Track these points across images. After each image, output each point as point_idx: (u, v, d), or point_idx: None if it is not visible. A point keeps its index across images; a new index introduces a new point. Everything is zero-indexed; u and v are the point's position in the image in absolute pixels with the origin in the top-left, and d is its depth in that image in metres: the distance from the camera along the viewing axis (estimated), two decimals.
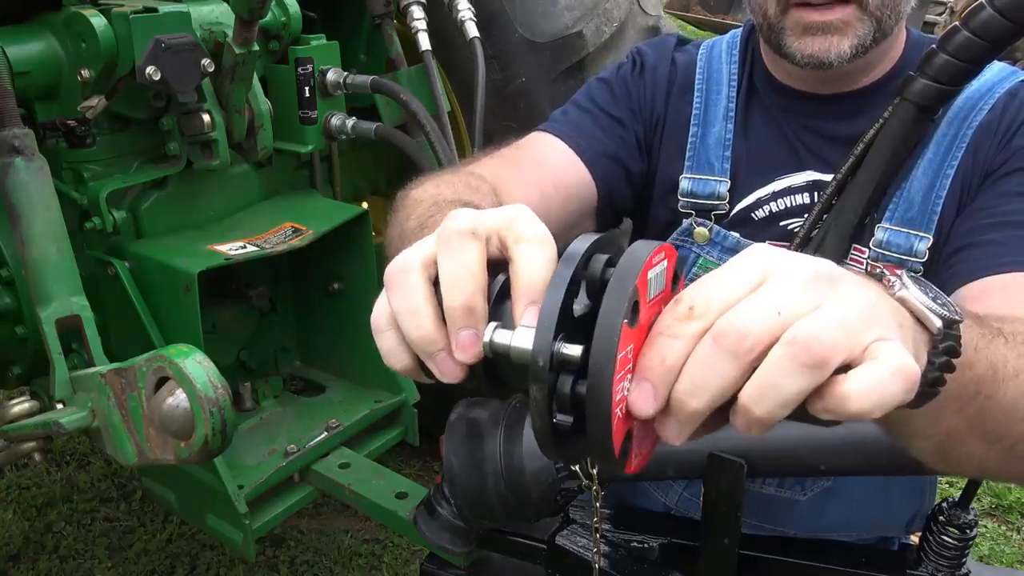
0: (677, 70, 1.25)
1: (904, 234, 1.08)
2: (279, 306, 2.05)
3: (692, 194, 1.22)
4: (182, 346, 1.16)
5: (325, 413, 1.88)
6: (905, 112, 1.03)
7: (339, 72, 1.89)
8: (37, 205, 1.40)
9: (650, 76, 1.25)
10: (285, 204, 1.94)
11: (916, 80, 1.01)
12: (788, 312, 0.46)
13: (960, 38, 0.97)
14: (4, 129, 1.39)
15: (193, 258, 1.61)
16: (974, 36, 0.95)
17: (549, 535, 1.24)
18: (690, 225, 1.23)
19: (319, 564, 2.56)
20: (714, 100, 1.22)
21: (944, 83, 1.00)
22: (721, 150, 1.21)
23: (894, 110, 1.04)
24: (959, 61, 0.97)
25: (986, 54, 0.97)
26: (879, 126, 1.06)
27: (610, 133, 1.23)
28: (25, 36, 1.53)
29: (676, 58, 1.26)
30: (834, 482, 1.24)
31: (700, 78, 1.23)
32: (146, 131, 1.72)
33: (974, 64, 0.98)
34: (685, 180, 1.22)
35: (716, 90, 1.22)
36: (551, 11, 2.09)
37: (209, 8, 1.69)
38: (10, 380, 1.73)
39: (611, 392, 0.46)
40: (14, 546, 2.59)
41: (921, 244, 1.07)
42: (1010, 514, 2.85)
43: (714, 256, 1.22)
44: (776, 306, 0.46)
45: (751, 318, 0.46)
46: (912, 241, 1.07)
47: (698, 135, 1.22)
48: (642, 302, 0.49)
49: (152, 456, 1.21)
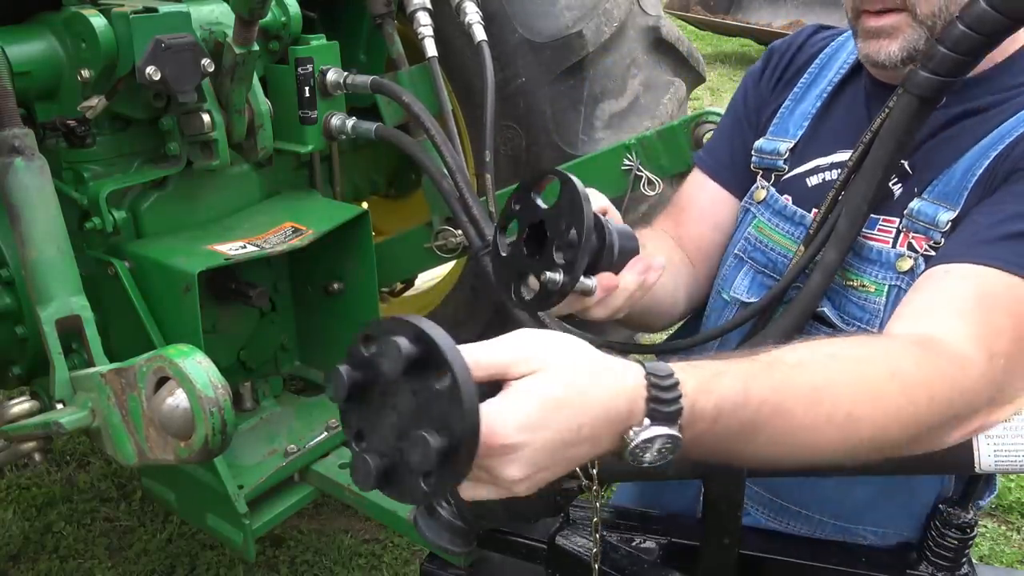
0: (800, 55, 1.41)
1: (934, 206, 1.13)
2: (279, 306, 2.05)
3: (760, 151, 1.37)
4: (182, 346, 1.16)
5: (325, 413, 1.88)
6: (908, 104, 1.06)
7: (339, 72, 1.88)
8: (37, 205, 1.40)
9: (770, 71, 1.43)
10: (285, 204, 1.94)
11: (918, 73, 1.04)
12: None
13: (956, 32, 0.98)
14: (4, 129, 1.39)
15: (193, 258, 1.61)
16: (969, 30, 0.97)
17: (549, 535, 1.24)
18: (756, 185, 1.36)
19: (319, 564, 2.56)
20: (817, 82, 1.36)
21: (944, 75, 1.02)
22: (801, 120, 1.35)
23: (897, 102, 1.08)
24: (957, 54, 0.99)
25: (982, 47, 0.99)
26: (884, 117, 1.11)
27: (728, 135, 1.45)
28: (25, 36, 1.53)
29: (804, 44, 1.42)
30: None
31: (818, 63, 1.38)
32: (146, 131, 1.72)
33: (972, 56, 1.00)
34: (762, 140, 1.38)
35: (824, 75, 1.36)
36: (551, 11, 2.09)
37: (209, 8, 1.69)
38: (10, 380, 1.73)
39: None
40: (14, 546, 2.59)
41: (944, 215, 1.12)
42: (1010, 514, 2.85)
43: (765, 217, 1.34)
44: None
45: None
46: (938, 211, 1.13)
47: (789, 107, 1.37)
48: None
49: (152, 456, 1.21)
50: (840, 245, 1.15)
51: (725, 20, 9.01)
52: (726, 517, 1.06)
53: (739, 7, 9.16)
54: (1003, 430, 0.94)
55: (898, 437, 0.90)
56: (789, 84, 1.39)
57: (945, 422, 0.93)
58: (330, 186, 2.18)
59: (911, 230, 1.15)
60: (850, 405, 0.86)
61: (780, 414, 0.83)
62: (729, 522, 1.06)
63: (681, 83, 2.38)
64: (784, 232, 1.30)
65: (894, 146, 1.10)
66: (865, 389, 0.88)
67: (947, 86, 1.04)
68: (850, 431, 0.87)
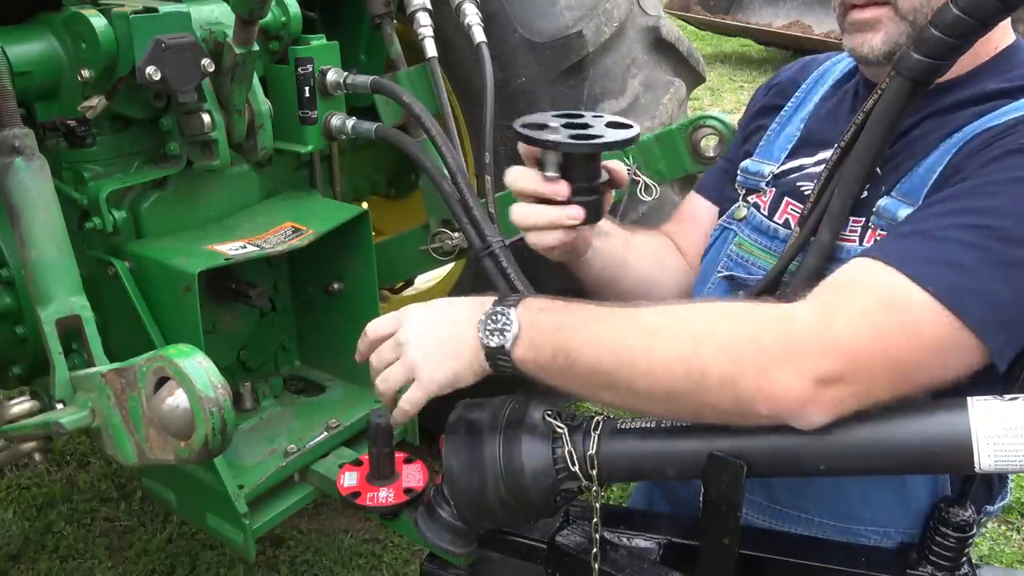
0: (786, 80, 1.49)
1: (897, 202, 1.15)
2: (279, 306, 2.05)
3: (746, 171, 1.42)
4: (182, 346, 1.16)
5: (325, 413, 1.88)
6: (900, 86, 1.08)
7: (339, 72, 1.88)
8: (37, 205, 1.40)
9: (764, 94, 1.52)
10: (285, 204, 1.94)
11: (911, 56, 1.05)
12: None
13: (950, 16, 0.99)
14: (4, 129, 1.39)
15: (193, 258, 1.61)
16: (963, 15, 0.98)
17: (549, 535, 1.24)
18: (738, 204, 1.41)
19: (319, 564, 2.56)
20: (803, 104, 1.42)
21: (936, 58, 1.03)
22: (786, 143, 1.39)
23: (890, 84, 1.09)
24: (950, 38, 1.00)
25: (975, 31, 1.00)
26: (876, 98, 1.12)
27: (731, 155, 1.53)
28: (25, 36, 1.53)
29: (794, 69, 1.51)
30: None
31: (811, 83, 1.44)
32: (146, 131, 1.72)
33: (964, 40, 1.01)
34: (749, 161, 1.43)
35: (811, 98, 1.42)
36: (551, 11, 2.09)
37: (209, 8, 1.69)
38: (10, 380, 1.73)
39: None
40: (14, 546, 2.59)
41: (903, 212, 1.13)
42: (1010, 514, 2.85)
43: (745, 234, 1.38)
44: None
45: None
46: (899, 208, 1.14)
47: (776, 130, 1.43)
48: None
49: (152, 456, 1.21)
50: (833, 225, 1.17)
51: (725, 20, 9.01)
52: (726, 517, 1.06)
53: (739, 7, 9.16)
54: (1003, 430, 0.94)
55: (683, 374, 0.99)
56: (776, 105, 1.47)
57: (743, 365, 0.96)
58: (330, 186, 2.18)
59: (876, 227, 1.17)
60: (637, 348, 1.02)
61: (576, 350, 1.05)
62: (729, 522, 1.06)
63: (681, 83, 2.38)
64: (765, 247, 1.34)
65: (885, 128, 1.11)
66: (655, 332, 1.03)
67: (938, 69, 1.05)
68: (631, 372, 1.02)
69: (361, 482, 1.40)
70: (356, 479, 1.41)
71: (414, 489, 1.37)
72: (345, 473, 1.44)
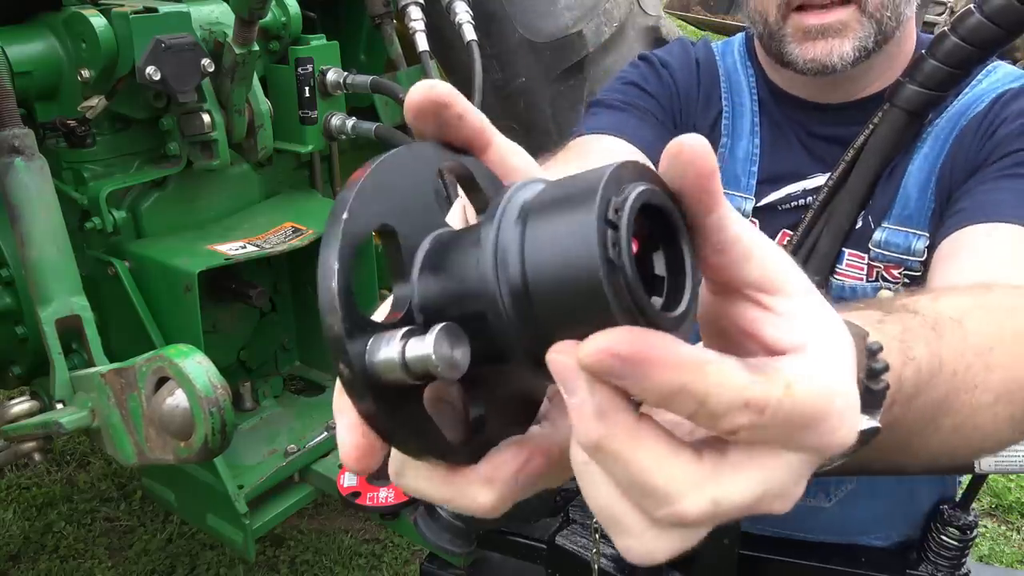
0: (700, 71, 1.22)
1: (903, 233, 1.08)
2: (279, 306, 2.05)
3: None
4: (182, 346, 1.16)
5: (325, 413, 1.88)
6: (895, 118, 1.02)
7: (339, 72, 1.89)
8: (37, 205, 1.40)
9: (676, 72, 1.22)
10: (285, 204, 1.94)
11: (905, 86, 1.01)
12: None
13: (949, 44, 0.96)
14: (4, 129, 1.39)
15: (193, 258, 1.61)
16: (963, 42, 0.95)
17: (549, 535, 1.24)
18: None
19: (319, 564, 2.56)
20: (739, 112, 1.21)
21: (933, 89, 0.99)
22: (748, 165, 1.19)
23: (884, 116, 1.04)
24: (948, 67, 0.97)
25: (975, 59, 0.96)
26: (869, 132, 1.06)
27: (651, 123, 1.18)
28: (25, 36, 1.53)
29: (698, 59, 1.24)
30: (858, 483, 1.20)
31: (725, 87, 1.22)
32: (146, 131, 1.72)
33: (963, 70, 0.98)
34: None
35: (740, 102, 1.21)
36: (551, 11, 2.09)
37: (209, 8, 1.69)
38: (10, 380, 1.73)
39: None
40: (14, 546, 2.59)
41: (919, 243, 1.07)
42: (1010, 514, 2.85)
43: None
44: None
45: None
46: (911, 240, 1.07)
47: (727, 147, 1.21)
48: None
49: (152, 456, 1.21)
50: (821, 264, 1.10)
51: (725, 20, 9.01)
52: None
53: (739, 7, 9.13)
54: None
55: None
56: (706, 104, 1.22)
57: None
58: (330, 186, 2.18)
59: (881, 261, 1.09)
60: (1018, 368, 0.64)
61: (967, 388, 0.60)
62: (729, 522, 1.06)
63: None
64: None
65: (879, 161, 1.06)
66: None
67: (936, 100, 1.01)
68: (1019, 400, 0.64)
69: (361, 482, 1.40)
70: (356, 479, 1.41)
71: None
72: (345, 473, 1.44)
